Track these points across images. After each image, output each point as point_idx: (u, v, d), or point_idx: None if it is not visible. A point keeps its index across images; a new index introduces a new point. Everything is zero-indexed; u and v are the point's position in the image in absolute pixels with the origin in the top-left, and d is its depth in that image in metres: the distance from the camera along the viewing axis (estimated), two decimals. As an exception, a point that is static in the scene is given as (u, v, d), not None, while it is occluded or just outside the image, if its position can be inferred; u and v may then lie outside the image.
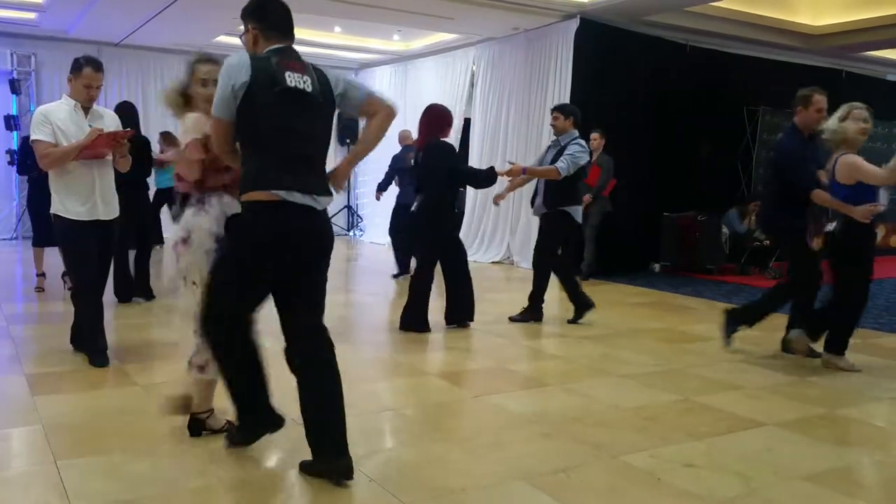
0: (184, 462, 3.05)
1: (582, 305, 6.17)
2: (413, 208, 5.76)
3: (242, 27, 2.97)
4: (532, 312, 6.19)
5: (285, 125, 2.79)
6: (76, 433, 3.38)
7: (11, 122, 10.88)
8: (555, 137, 6.20)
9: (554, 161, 5.91)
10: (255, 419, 3.08)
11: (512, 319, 6.17)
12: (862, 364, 4.95)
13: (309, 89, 2.85)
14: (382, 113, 3.01)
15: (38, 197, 6.59)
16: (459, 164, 6.05)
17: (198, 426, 3.29)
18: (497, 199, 6.71)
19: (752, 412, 3.91)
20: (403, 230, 8.39)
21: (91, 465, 3.00)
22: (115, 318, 6.06)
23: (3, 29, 10.63)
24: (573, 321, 6.14)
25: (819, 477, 3.08)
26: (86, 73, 4.36)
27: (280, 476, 3.06)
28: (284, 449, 3.28)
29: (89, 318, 4.54)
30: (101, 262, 4.54)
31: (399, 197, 8.69)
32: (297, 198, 2.76)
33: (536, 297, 6.21)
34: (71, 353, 4.67)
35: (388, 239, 9.34)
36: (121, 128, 4.52)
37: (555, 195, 6.01)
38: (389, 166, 9.09)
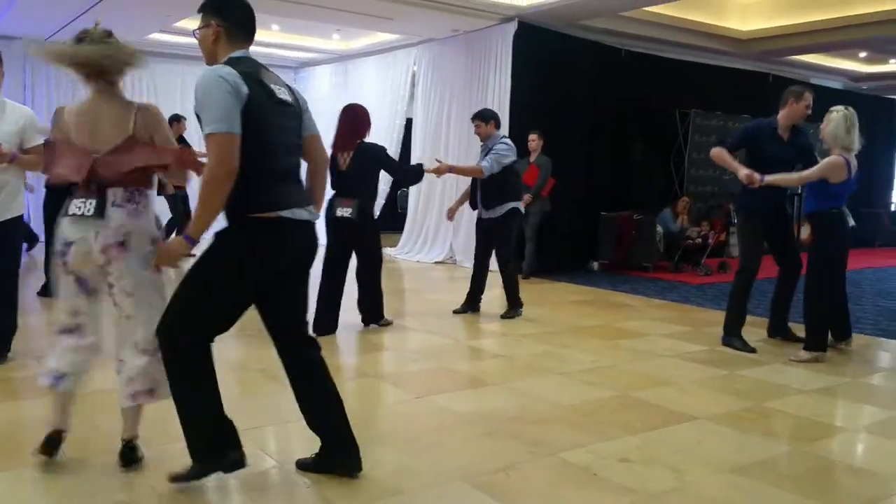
0: (117, 475, 2.98)
1: (516, 305, 6.44)
2: (350, 214, 5.46)
3: (200, 22, 2.80)
4: (513, 309, 6.46)
5: (284, 140, 2.74)
6: (2, 445, 3.28)
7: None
8: (482, 143, 6.37)
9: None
10: (218, 452, 2.84)
11: (503, 317, 6.41)
12: (786, 357, 5.13)
13: (290, 100, 2.80)
14: (322, 161, 3.03)
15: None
16: (391, 161, 5.98)
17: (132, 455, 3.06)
18: (450, 214, 6.85)
19: (684, 406, 4.03)
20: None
21: (18, 479, 2.92)
22: (43, 325, 5.88)
23: (-80, 23, 10.19)
24: (505, 316, 6.38)
25: (747, 469, 3.20)
26: None
27: (213, 484, 3.01)
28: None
29: None
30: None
31: None
32: (299, 214, 2.73)
33: (513, 295, 6.48)
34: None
35: None
36: (29, 126, 4.31)
37: (495, 196, 6.19)
38: None
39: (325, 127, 13.39)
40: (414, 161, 10.59)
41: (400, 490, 2.89)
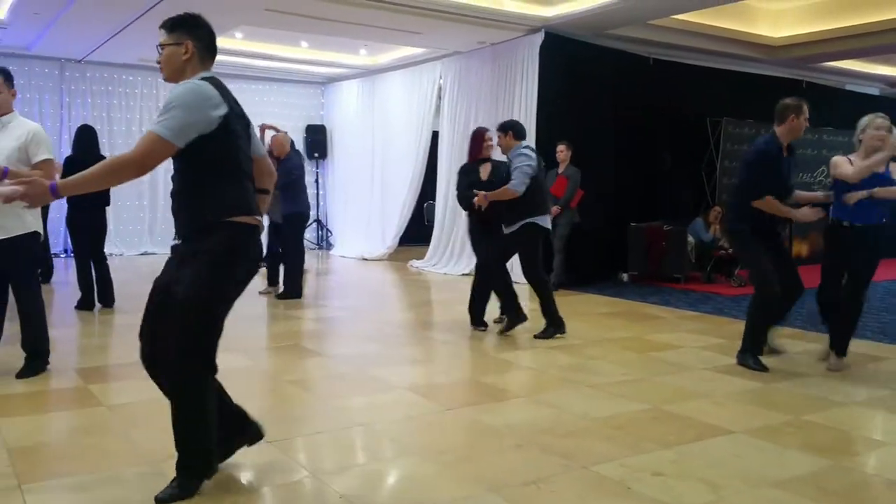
0: (150, 482, 3.00)
1: (514, 319, 6.15)
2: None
3: (168, 39, 2.89)
4: (554, 326, 6.10)
5: (247, 154, 2.92)
6: (41, 455, 3.32)
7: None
8: (504, 156, 6.21)
9: (508, 177, 5.89)
10: (209, 467, 2.92)
11: (536, 337, 6.05)
12: (825, 370, 5.04)
13: (248, 121, 3.00)
14: (270, 182, 3.20)
15: None
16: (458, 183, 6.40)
17: None
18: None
19: (720, 420, 3.95)
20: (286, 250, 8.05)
21: (57, 488, 2.95)
22: (80, 337, 5.98)
23: (-38, 46, 10.48)
24: (503, 332, 6.15)
25: (786, 483, 3.12)
26: None
27: (250, 493, 3.02)
28: (252, 465, 3.25)
29: None
30: None
31: (300, 207, 8.02)
32: (257, 222, 2.89)
33: (548, 309, 6.12)
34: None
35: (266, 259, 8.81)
36: (32, 140, 4.35)
37: (516, 210, 5.93)
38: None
39: (352, 141, 13.58)
40: (440, 175, 10.71)
41: (432, 501, 2.87)
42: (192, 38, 2.88)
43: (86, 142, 7.03)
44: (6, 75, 4.42)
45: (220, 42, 10.74)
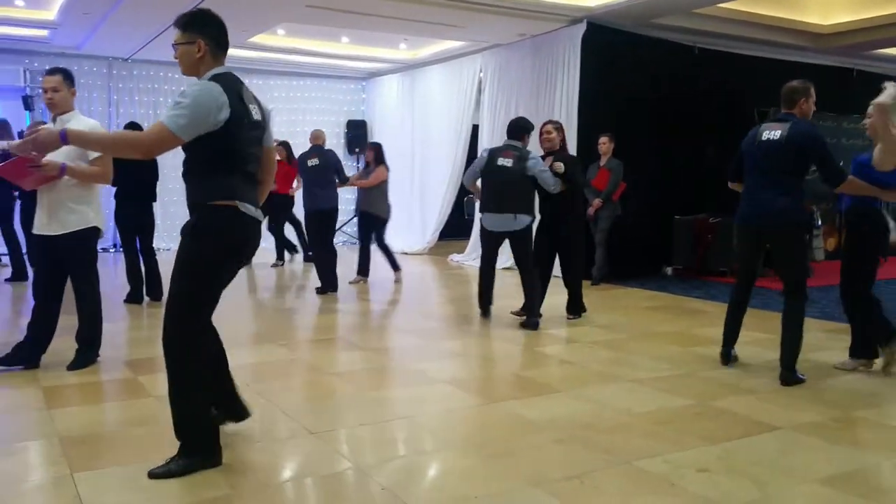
0: (198, 473, 3.07)
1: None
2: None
3: (182, 38, 3.06)
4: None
5: (249, 151, 3.09)
6: (92, 445, 3.41)
7: (25, 138, 10.99)
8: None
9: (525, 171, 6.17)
10: (202, 452, 3.06)
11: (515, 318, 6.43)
12: (878, 364, 4.92)
13: (259, 118, 3.14)
14: (269, 171, 3.38)
15: (30, 213, 6.52)
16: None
17: None
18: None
19: (766, 415, 3.89)
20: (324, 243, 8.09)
21: (107, 477, 3.03)
22: (129, 330, 6.12)
23: (16, 46, 10.77)
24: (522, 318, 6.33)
25: (835, 480, 3.06)
26: (42, 79, 4.55)
27: (295, 484, 3.07)
28: (301, 457, 3.30)
29: (28, 325, 4.65)
30: (47, 276, 4.59)
31: (309, 203, 8.13)
32: (251, 210, 3.07)
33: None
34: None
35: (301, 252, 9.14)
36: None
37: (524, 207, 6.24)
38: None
39: (392, 135, 13.62)
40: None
41: (473, 495, 2.88)
42: (203, 36, 3.04)
43: None
44: (66, 75, 4.54)
45: (263, 39, 10.83)
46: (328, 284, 7.83)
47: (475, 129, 11.27)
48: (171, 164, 9.52)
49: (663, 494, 2.91)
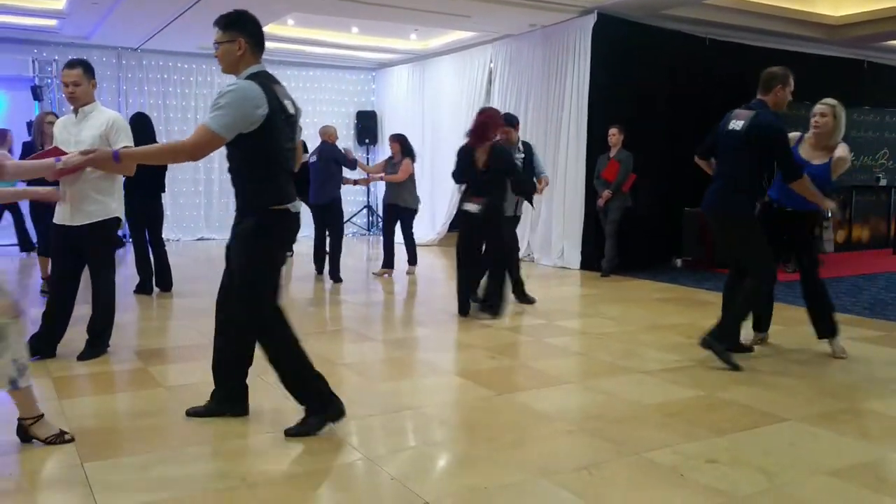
0: (209, 463, 3.09)
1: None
2: (476, 210, 5.96)
3: (223, 37, 3.22)
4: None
5: (287, 147, 3.30)
6: (102, 435, 3.43)
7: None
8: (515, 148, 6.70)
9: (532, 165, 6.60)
10: (322, 405, 3.38)
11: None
12: (886, 356, 4.90)
13: (293, 112, 3.33)
14: (296, 166, 3.77)
15: (40, 204, 6.49)
16: (518, 168, 6.44)
17: (24, 432, 3.23)
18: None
19: (775, 407, 3.88)
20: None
21: (118, 467, 3.05)
22: (139, 321, 6.15)
23: (24, 36, 10.78)
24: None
25: (843, 472, 3.05)
26: (62, 73, 4.56)
27: (305, 475, 3.08)
28: (310, 447, 3.31)
29: (43, 315, 4.69)
30: (67, 266, 4.61)
31: (316, 197, 8.25)
32: (297, 207, 3.33)
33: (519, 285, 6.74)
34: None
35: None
36: (112, 128, 4.50)
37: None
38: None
39: (402, 126, 13.63)
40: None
41: (482, 486, 2.89)
42: (244, 35, 3.21)
43: (141, 129, 7.19)
44: (86, 67, 4.56)
45: (272, 29, 10.87)
46: (333, 274, 8.04)
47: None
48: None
49: (672, 485, 2.91)
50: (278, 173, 3.26)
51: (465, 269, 6.21)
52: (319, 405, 3.38)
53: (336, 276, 7.99)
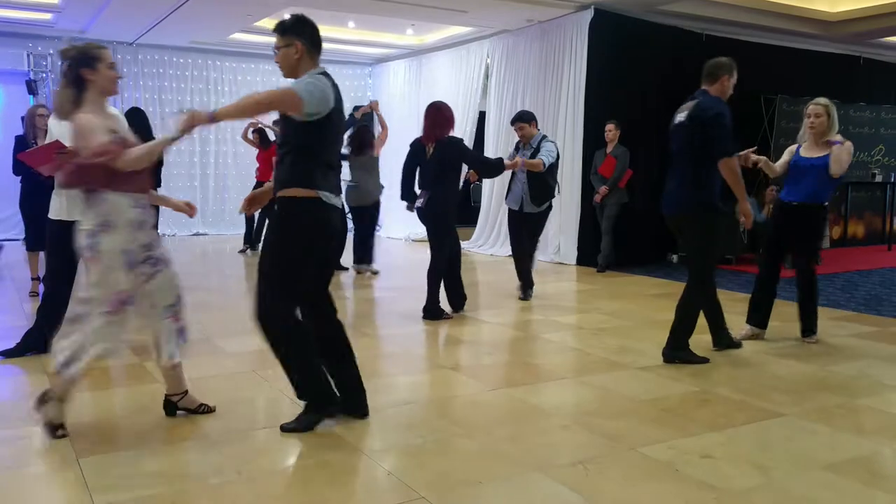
0: (204, 458, 3.09)
1: (529, 284, 6.87)
2: (420, 203, 5.90)
3: (281, 42, 3.34)
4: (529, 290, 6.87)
5: (336, 143, 3.45)
6: (98, 430, 3.43)
7: (30, 123, 10.98)
8: (521, 144, 6.73)
9: (534, 157, 6.46)
10: (326, 399, 3.42)
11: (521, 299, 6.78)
12: (881, 352, 4.91)
13: (344, 112, 3.42)
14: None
15: (30, 199, 6.46)
16: (470, 154, 6.41)
17: (173, 407, 3.55)
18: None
19: (771, 402, 3.89)
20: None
21: (113, 462, 3.05)
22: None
23: (19, 30, 10.73)
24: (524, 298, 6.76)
25: (838, 466, 3.06)
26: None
27: (301, 469, 3.08)
28: (306, 442, 3.31)
29: (38, 310, 4.70)
30: (62, 261, 4.56)
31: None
32: (335, 200, 3.33)
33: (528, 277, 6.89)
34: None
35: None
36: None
37: (542, 193, 6.59)
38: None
39: (399, 123, 13.63)
40: (488, 155, 10.58)
41: (477, 480, 2.89)
42: (301, 39, 3.33)
43: (137, 124, 7.15)
44: None
45: (270, 23, 10.79)
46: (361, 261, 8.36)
47: (482, 116, 11.23)
48: (175, 150, 9.52)
49: (667, 480, 2.92)
50: (325, 162, 3.33)
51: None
52: (317, 406, 3.40)
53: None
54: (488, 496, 2.78)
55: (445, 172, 5.85)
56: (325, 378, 3.42)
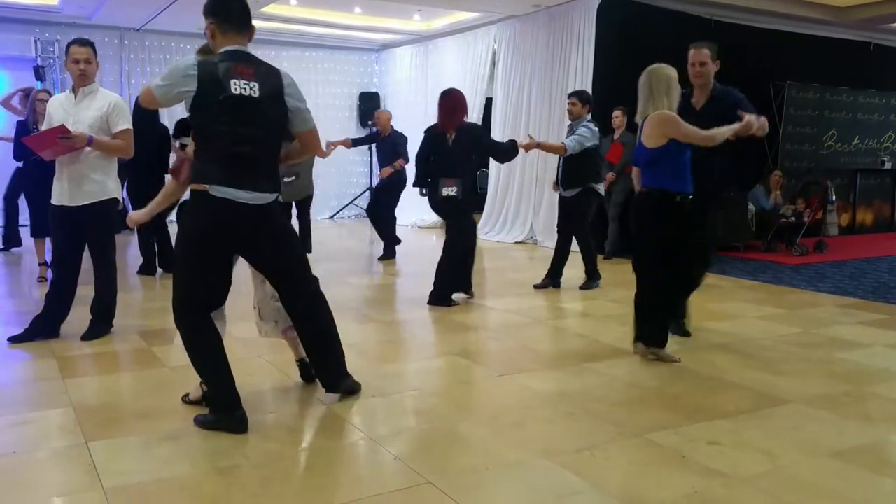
0: (210, 442, 3.10)
1: (594, 277, 6.80)
2: (454, 192, 5.80)
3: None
4: (594, 279, 6.81)
5: (226, 129, 3.06)
6: (106, 414, 3.45)
7: (37, 109, 10.98)
8: (570, 122, 6.66)
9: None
10: (225, 408, 3.21)
11: (581, 288, 6.72)
12: (889, 339, 4.89)
13: (255, 95, 3.09)
14: (311, 152, 3.62)
15: (32, 185, 6.47)
16: (486, 141, 6.38)
17: (309, 372, 3.79)
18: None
19: (778, 389, 3.88)
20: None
21: (121, 446, 3.06)
22: (142, 301, 6.16)
23: (26, 16, 10.72)
24: (583, 287, 6.71)
25: (845, 454, 3.06)
26: (72, 49, 4.49)
27: (307, 454, 3.09)
28: (313, 427, 3.32)
29: (46, 296, 4.70)
30: (67, 247, 4.61)
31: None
32: (228, 193, 3.05)
33: (591, 267, 6.80)
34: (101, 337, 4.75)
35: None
36: (113, 110, 4.51)
37: (574, 177, 6.54)
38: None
39: (405, 109, 13.58)
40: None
41: (484, 466, 2.90)
42: (210, 16, 3.22)
43: (145, 110, 7.14)
44: (93, 46, 4.55)
45: (275, 9, 10.78)
46: (388, 251, 8.46)
47: (489, 102, 11.18)
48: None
49: (674, 467, 2.92)
50: (207, 153, 3.11)
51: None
52: (216, 411, 3.25)
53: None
54: (494, 482, 2.79)
55: (468, 160, 5.90)
56: (227, 386, 3.22)
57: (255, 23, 3.34)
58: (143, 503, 2.58)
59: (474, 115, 11.26)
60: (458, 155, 5.81)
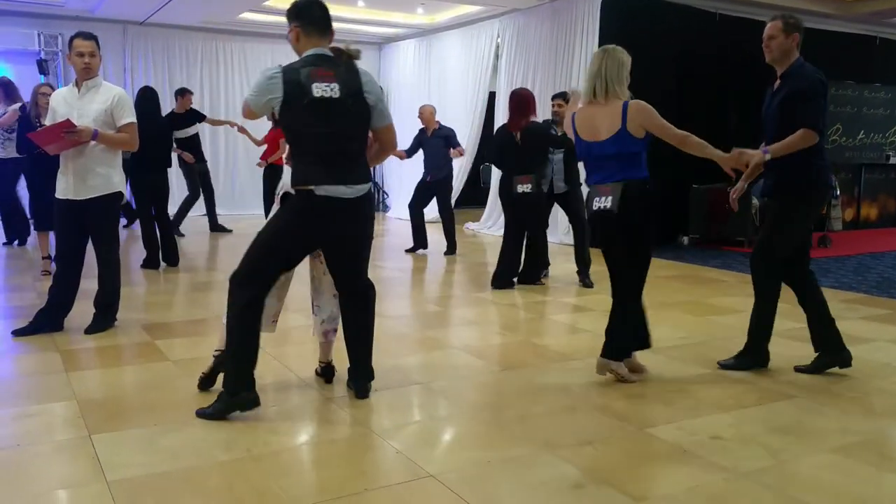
0: (214, 435, 3.11)
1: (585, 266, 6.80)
2: (528, 188, 6.11)
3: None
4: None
5: (315, 131, 3.21)
6: (109, 408, 3.46)
7: (40, 103, 10.99)
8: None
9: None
10: (243, 387, 3.26)
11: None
12: (892, 334, 4.88)
13: (336, 95, 3.23)
14: (389, 151, 3.63)
15: (37, 178, 6.47)
16: (551, 138, 6.49)
17: (330, 374, 3.83)
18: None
19: (781, 384, 3.88)
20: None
21: (124, 439, 3.07)
22: (146, 295, 6.17)
23: (29, 10, 10.72)
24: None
25: (847, 448, 3.06)
26: (76, 42, 4.48)
27: (310, 447, 3.10)
28: (315, 421, 3.33)
29: (50, 289, 4.70)
30: (71, 240, 4.61)
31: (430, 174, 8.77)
32: (331, 190, 3.22)
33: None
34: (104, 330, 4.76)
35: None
36: (117, 104, 4.50)
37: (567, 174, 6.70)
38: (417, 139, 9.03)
39: (409, 103, 13.57)
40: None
41: (486, 459, 2.90)
42: (294, 20, 3.43)
43: (148, 103, 7.16)
44: (97, 40, 4.54)
45: (278, 2, 10.72)
46: (419, 244, 8.69)
47: (492, 96, 11.16)
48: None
49: (675, 461, 2.92)
50: (301, 154, 3.28)
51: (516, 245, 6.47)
52: (229, 393, 3.26)
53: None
54: (496, 475, 2.79)
55: (539, 157, 6.23)
56: (251, 364, 3.27)
57: (257, 16, 3.40)
58: (147, 496, 2.59)
59: (477, 109, 11.27)
60: (529, 152, 6.11)
